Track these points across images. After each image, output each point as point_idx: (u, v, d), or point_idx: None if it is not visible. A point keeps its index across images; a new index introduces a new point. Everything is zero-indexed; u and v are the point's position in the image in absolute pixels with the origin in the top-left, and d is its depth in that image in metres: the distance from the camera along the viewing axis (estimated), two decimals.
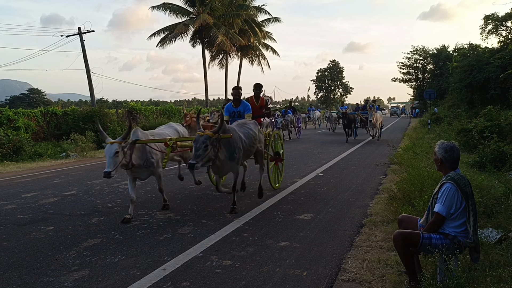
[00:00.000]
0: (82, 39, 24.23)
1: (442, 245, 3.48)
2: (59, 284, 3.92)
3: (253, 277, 4.03)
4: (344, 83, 78.26)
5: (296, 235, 5.33)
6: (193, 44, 38.67)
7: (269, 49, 44.26)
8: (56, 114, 19.73)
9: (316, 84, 77.79)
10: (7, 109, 17.25)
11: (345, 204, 6.98)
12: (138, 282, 3.92)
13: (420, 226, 3.76)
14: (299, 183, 8.84)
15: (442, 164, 3.67)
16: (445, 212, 3.48)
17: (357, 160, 12.57)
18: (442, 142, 3.71)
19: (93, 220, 6.12)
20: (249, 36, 39.39)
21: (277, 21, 43.29)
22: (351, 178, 9.47)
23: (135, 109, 23.59)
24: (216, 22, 35.62)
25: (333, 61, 78.30)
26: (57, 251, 4.83)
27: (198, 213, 6.44)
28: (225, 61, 41.77)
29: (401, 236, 3.60)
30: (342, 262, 4.42)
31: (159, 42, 35.78)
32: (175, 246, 4.91)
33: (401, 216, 4.22)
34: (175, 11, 36.14)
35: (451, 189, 3.48)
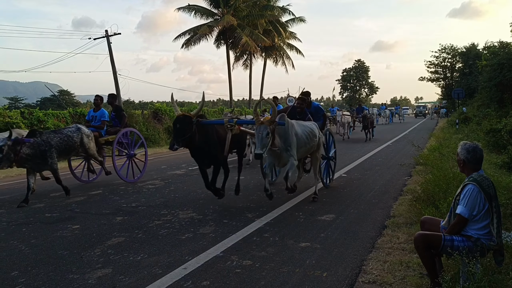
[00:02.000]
0: (109, 41, 24.73)
1: (464, 247, 3.42)
2: (83, 281, 4.01)
3: (273, 277, 4.04)
4: (370, 82, 77.31)
5: (317, 236, 5.31)
6: (218, 45, 38.92)
7: (294, 49, 44.17)
8: (85, 115, 20.14)
9: (341, 84, 77.09)
10: (37, 110, 17.73)
11: (368, 205, 6.91)
12: (159, 281, 3.98)
13: (442, 228, 3.70)
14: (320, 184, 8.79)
15: (464, 165, 3.60)
16: (468, 214, 3.42)
17: (381, 161, 12.42)
18: (465, 143, 3.64)
19: (117, 219, 6.25)
20: (273, 36, 39.38)
21: (302, 21, 43.14)
22: (375, 179, 9.37)
23: (160, 110, 23.87)
24: (240, 23, 35.75)
25: (359, 60, 77.49)
26: (82, 249, 4.95)
27: (219, 213, 6.49)
28: (249, 61, 41.88)
29: (422, 238, 3.55)
30: (363, 263, 4.38)
31: (184, 44, 36.16)
32: (196, 246, 4.96)
33: (423, 217, 4.15)
34: (200, 12, 36.44)
35: (474, 190, 3.41)
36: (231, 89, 38.14)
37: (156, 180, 9.72)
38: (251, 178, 9.77)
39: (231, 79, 38.24)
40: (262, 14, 37.30)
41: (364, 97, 77.15)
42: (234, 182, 7.81)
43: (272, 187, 8.05)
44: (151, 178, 10.06)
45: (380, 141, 19.31)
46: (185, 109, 26.63)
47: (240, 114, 16.79)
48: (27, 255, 4.78)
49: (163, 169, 11.73)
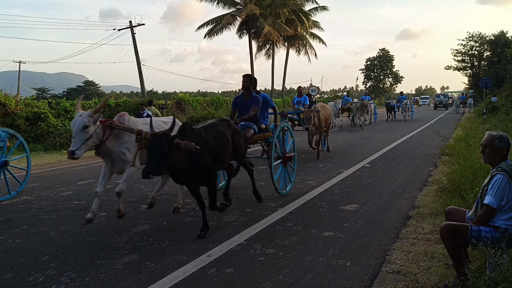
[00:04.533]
0: (133, 32, 24.99)
1: (492, 238, 3.37)
2: (110, 266, 4.12)
3: (296, 266, 4.06)
4: (394, 72, 76.06)
5: (340, 225, 5.30)
6: (240, 35, 38.81)
7: (316, 39, 43.76)
8: (109, 105, 20.50)
9: (365, 73, 76.14)
10: (64, 100, 18.16)
11: (392, 195, 6.86)
12: (184, 267, 4.05)
13: (469, 218, 3.65)
14: (345, 173, 8.76)
15: (491, 155, 3.53)
16: (496, 204, 3.36)
17: (406, 151, 12.26)
18: (489, 133, 3.58)
19: (142, 207, 6.37)
20: (296, 25, 39.03)
21: (325, 9, 42.65)
22: (399, 169, 9.27)
23: (183, 100, 24.07)
24: (262, 12, 35.56)
25: (383, 49, 76.26)
26: (109, 235, 5.08)
27: (243, 202, 6.54)
28: (271, 51, 41.71)
29: (448, 228, 3.50)
30: (387, 253, 4.36)
31: (207, 34, 36.22)
32: (220, 234, 5.02)
33: (448, 208, 4.10)
34: (222, 2, 36.36)
35: (503, 180, 3.35)
36: None
37: None
38: None
39: (253, 69, 38.22)
40: (285, 3, 36.99)
41: (388, 87, 76.05)
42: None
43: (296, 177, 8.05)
44: None
45: (404, 131, 19.02)
46: (208, 99, 26.77)
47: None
48: (56, 241, 4.93)
49: None
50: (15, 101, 16.03)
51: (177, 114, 22.37)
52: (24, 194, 7.53)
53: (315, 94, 36.18)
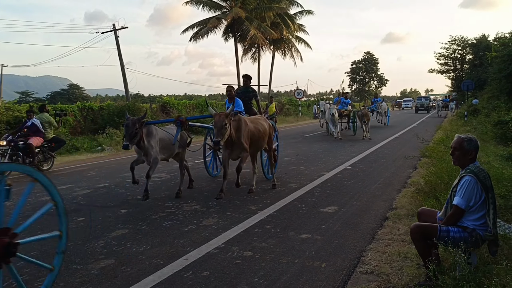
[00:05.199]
0: (117, 35, 24.86)
1: (461, 238, 3.45)
2: (86, 271, 4.11)
3: (272, 268, 4.10)
4: (379, 75, 76.83)
5: (318, 227, 5.36)
6: (226, 38, 38.85)
7: (302, 42, 44.02)
8: (93, 109, 20.38)
9: (350, 76, 76.73)
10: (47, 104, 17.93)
11: (371, 197, 6.94)
12: (160, 271, 4.06)
13: (439, 219, 3.73)
14: (326, 176, 8.83)
15: (460, 157, 3.62)
16: (464, 205, 3.44)
17: (387, 153, 12.41)
18: (458, 135, 3.67)
19: (122, 212, 6.35)
20: (282, 29, 39.25)
21: (310, 13, 42.98)
22: (380, 171, 9.38)
23: (168, 103, 24.00)
24: (248, 16, 35.66)
25: (368, 52, 77.00)
26: (86, 240, 5.05)
27: (223, 205, 6.56)
28: (257, 54, 41.84)
29: (418, 228, 3.58)
30: (362, 254, 4.43)
31: (192, 37, 36.15)
32: (198, 237, 5.03)
33: (420, 209, 4.19)
34: (208, 6, 36.38)
35: (471, 182, 3.43)
36: (239, 82, 38.10)
37: (163, 173, 9.81)
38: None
39: (239, 72, 38.22)
40: (270, 7, 37.18)
41: (373, 89, 76.73)
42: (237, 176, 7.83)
43: (278, 179, 8.09)
44: (157, 171, 10.13)
45: (387, 133, 19.22)
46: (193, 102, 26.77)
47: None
48: (32, 246, 4.88)
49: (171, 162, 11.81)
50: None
51: (162, 117, 22.30)
52: None
53: (301, 97, 36.42)
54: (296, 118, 35.47)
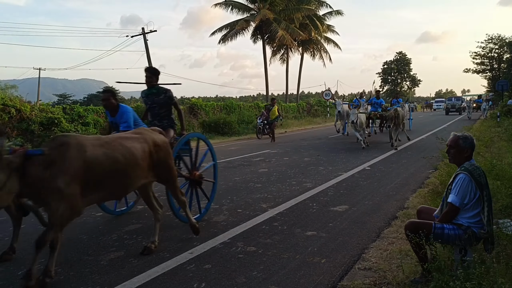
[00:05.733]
0: (146, 39, 25.54)
1: (455, 235, 3.47)
2: (95, 262, 4.33)
3: (272, 263, 4.21)
4: (412, 75, 75.34)
5: (325, 225, 5.43)
6: (254, 40, 39.13)
7: (331, 43, 43.81)
8: None
9: (381, 77, 75.58)
10: (78, 106, 18.67)
11: (384, 197, 6.94)
12: (164, 263, 4.24)
13: (435, 216, 3.75)
14: (343, 176, 8.85)
15: (456, 154, 3.64)
16: (459, 202, 3.46)
17: (410, 154, 12.27)
18: (454, 133, 3.69)
19: (138, 208, 6.59)
20: (310, 30, 39.15)
21: (340, 14, 42.66)
22: (399, 172, 9.31)
23: (196, 105, 24.39)
24: (276, 17, 35.78)
25: (400, 52, 75.67)
26: (100, 234, 5.30)
27: (236, 203, 6.70)
28: (286, 56, 41.91)
29: (412, 225, 3.62)
30: (364, 252, 4.48)
31: (221, 39, 36.64)
32: (206, 233, 5.19)
33: (420, 207, 4.22)
34: (236, 8, 36.77)
35: (465, 179, 3.45)
36: (267, 83, 38.34)
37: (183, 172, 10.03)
38: (274, 170, 9.93)
39: (267, 74, 38.43)
40: (299, 8, 37.16)
41: (405, 90, 75.39)
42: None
43: (294, 180, 8.19)
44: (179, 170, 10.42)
45: (415, 133, 18.89)
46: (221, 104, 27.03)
47: None
48: None
49: None
50: (30, 106, 16.53)
51: (190, 118, 22.71)
52: None
53: (329, 98, 36.23)
54: (324, 119, 35.32)
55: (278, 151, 14.06)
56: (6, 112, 15.39)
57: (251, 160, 12.02)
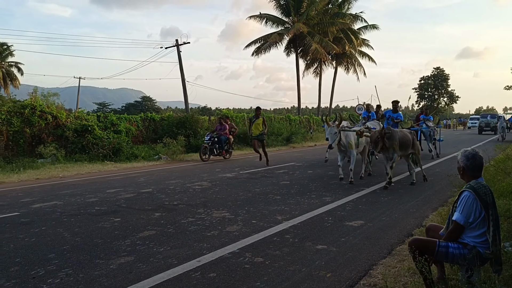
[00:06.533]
0: (179, 50, 26.11)
1: (460, 254, 3.39)
2: (106, 265, 4.45)
3: (277, 274, 4.21)
4: (450, 91, 73.52)
5: (337, 240, 5.38)
6: (288, 53, 39.34)
7: (365, 57, 43.47)
8: (154, 119, 21.46)
9: (418, 92, 74.13)
10: (111, 114, 19.22)
11: (403, 214, 6.80)
12: (171, 270, 4.31)
13: (442, 235, 3.67)
14: (364, 191, 8.74)
15: (464, 172, 3.57)
16: (463, 220, 3.38)
17: (438, 171, 11.98)
18: (465, 150, 3.61)
19: (155, 215, 6.72)
20: (344, 44, 39.03)
21: (375, 28, 42.41)
22: (423, 189, 9.11)
23: (226, 116, 24.65)
24: (310, 31, 35.89)
25: (438, 68, 74.01)
26: (115, 238, 5.44)
27: (252, 214, 6.73)
28: (319, 69, 41.86)
29: (416, 243, 3.55)
30: (372, 268, 4.41)
31: (254, 52, 37.02)
32: (217, 242, 5.24)
33: (428, 224, 4.13)
34: (271, 21, 37.15)
35: (469, 197, 3.37)
36: (299, 96, 38.39)
37: (205, 182, 10.19)
38: (295, 183, 9.92)
39: (299, 87, 38.47)
40: (333, 22, 37.16)
41: (442, 106, 73.63)
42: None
43: (313, 193, 8.16)
44: (201, 180, 10.58)
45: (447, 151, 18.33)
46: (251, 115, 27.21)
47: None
48: (67, 241, 5.35)
49: (216, 172, 12.23)
50: (66, 114, 17.15)
51: None
52: (54, 199, 8.16)
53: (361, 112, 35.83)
54: None
55: (303, 164, 14.04)
56: (43, 118, 16.02)
57: (274, 172, 12.05)
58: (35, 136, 15.77)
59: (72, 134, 16.25)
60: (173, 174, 11.95)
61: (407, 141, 9.46)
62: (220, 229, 5.88)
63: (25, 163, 13.99)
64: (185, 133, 19.62)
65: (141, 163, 15.54)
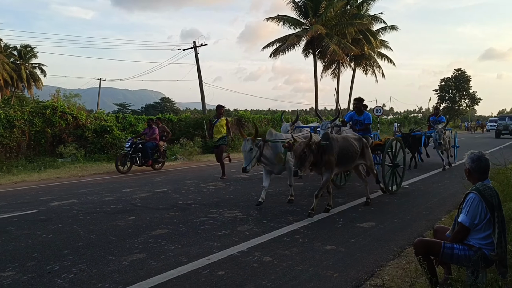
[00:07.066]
0: (196, 52, 26.41)
1: (465, 256, 3.41)
2: (118, 262, 4.58)
3: (284, 273, 4.27)
4: (471, 93, 72.36)
5: (346, 240, 5.40)
6: (306, 54, 39.21)
7: (384, 58, 43.07)
8: (172, 120, 21.71)
9: (438, 94, 73.16)
10: (130, 115, 19.56)
11: (415, 216, 6.78)
12: (181, 267, 4.41)
13: (448, 236, 3.68)
14: (378, 193, 8.69)
15: (470, 174, 3.59)
16: (469, 222, 3.39)
17: (455, 174, 11.83)
18: (472, 152, 3.61)
19: (169, 214, 6.84)
20: (363, 45, 38.73)
21: (394, 29, 41.98)
22: (438, 191, 9.04)
23: (244, 117, 24.79)
24: (328, 32, 35.74)
25: (459, 69, 72.95)
26: (128, 236, 5.57)
27: (263, 214, 6.80)
28: (337, 70, 41.66)
29: (421, 243, 3.58)
30: (379, 268, 4.43)
31: (272, 53, 36.97)
32: (227, 241, 5.33)
33: (436, 226, 4.15)
34: (288, 22, 37.08)
35: (475, 199, 3.38)
36: (317, 98, 38.21)
37: (219, 182, 10.30)
38: (309, 184, 9.95)
39: (317, 88, 38.32)
40: (352, 23, 36.85)
41: (464, 108, 72.51)
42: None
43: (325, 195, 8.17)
44: (215, 180, 10.70)
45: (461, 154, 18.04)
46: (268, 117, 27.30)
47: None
48: (82, 238, 5.50)
49: (231, 173, 12.32)
50: (86, 114, 17.51)
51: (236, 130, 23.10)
52: (72, 197, 8.38)
53: (380, 114, 35.57)
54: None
55: None
56: (64, 119, 16.39)
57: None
58: (56, 136, 16.14)
59: (92, 134, 16.58)
60: (188, 175, 12.11)
61: (350, 152, 7.18)
62: (231, 228, 5.96)
63: (46, 162, 14.35)
64: (202, 134, 19.82)
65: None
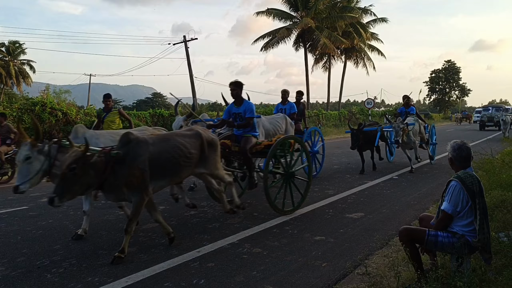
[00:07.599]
0: (187, 46, 26.29)
1: (449, 243, 3.48)
2: (108, 256, 4.59)
3: (274, 264, 4.32)
4: (461, 84, 72.77)
5: (335, 231, 5.47)
6: (296, 47, 39.20)
7: (375, 51, 43.19)
8: (163, 115, 21.65)
9: (429, 86, 73.49)
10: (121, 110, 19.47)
11: (403, 206, 6.87)
12: (171, 260, 4.45)
13: (432, 224, 3.75)
14: (367, 184, 8.80)
15: (452, 163, 3.66)
16: (451, 209, 3.46)
17: (445, 164, 11.94)
18: (454, 141, 3.68)
19: (159, 208, 6.83)
20: (353, 38, 38.82)
21: (384, 21, 42.08)
22: (426, 182, 9.15)
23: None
24: (318, 25, 35.76)
25: (449, 61, 73.25)
26: (118, 231, 5.58)
27: (254, 207, 6.85)
28: (328, 63, 41.72)
29: (406, 231, 3.65)
30: (368, 258, 4.51)
31: (263, 47, 36.94)
32: (218, 234, 5.37)
33: (422, 214, 4.23)
34: (278, 16, 37.05)
35: (456, 186, 3.45)
36: (308, 91, 38.26)
37: None
38: None
39: (308, 81, 38.36)
40: (342, 16, 36.91)
41: (454, 100, 72.97)
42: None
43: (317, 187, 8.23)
44: None
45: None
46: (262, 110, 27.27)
47: None
48: (72, 233, 5.48)
49: None
50: (76, 110, 17.41)
51: None
52: None
53: (371, 106, 35.73)
54: None
55: None
56: (53, 115, 16.28)
57: None
58: (46, 133, 16.02)
59: None
60: None
61: (176, 157, 4.97)
62: (221, 221, 6.00)
63: None
64: None
65: None
